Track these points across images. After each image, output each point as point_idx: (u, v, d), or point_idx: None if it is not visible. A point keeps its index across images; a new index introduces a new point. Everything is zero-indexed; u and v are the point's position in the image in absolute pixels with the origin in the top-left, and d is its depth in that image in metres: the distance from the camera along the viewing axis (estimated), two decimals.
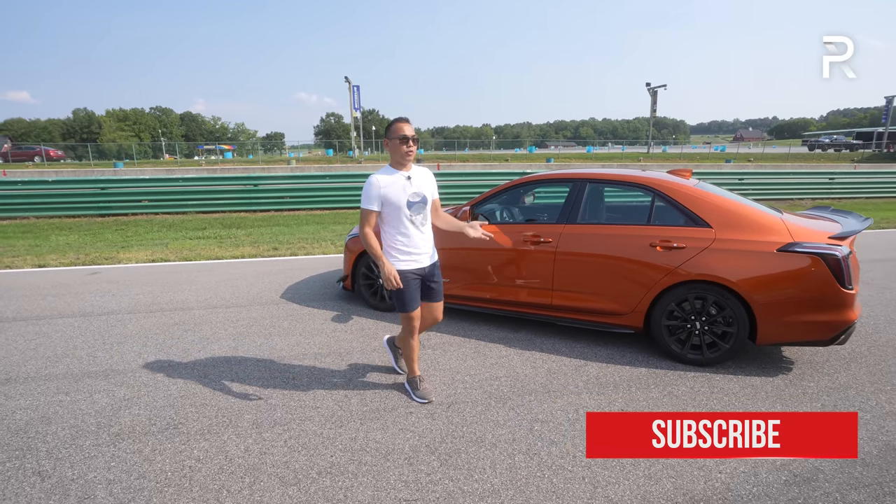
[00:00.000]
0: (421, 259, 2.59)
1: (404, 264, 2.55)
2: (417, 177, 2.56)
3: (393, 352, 3.12)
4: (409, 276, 2.56)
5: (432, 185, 2.64)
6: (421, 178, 2.57)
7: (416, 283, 2.61)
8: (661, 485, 2.05)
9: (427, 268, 2.63)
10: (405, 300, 2.57)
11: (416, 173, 2.57)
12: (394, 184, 2.48)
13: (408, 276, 2.55)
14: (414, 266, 2.57)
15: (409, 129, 2.48)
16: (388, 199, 2.47)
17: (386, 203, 2.49)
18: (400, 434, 2.42)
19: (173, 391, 2.89)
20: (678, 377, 3.06)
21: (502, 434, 2.42)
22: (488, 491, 2.01)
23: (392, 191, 2.47)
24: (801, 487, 2.05)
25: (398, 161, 2.52)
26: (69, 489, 2.03)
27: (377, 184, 2.46)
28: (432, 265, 2.68)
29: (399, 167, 2.53)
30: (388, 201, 2.48)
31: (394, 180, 2.49)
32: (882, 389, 2.92)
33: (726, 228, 3.14)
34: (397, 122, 2.50)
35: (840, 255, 2.90)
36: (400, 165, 2.53)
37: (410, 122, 2.52)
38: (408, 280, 2.55)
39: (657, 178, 3.45)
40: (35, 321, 4.11)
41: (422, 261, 2.60)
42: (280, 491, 2.01)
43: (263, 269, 5.96)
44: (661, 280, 3.19)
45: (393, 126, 2.49)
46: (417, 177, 2.56)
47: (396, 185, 2.48)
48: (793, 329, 3.03)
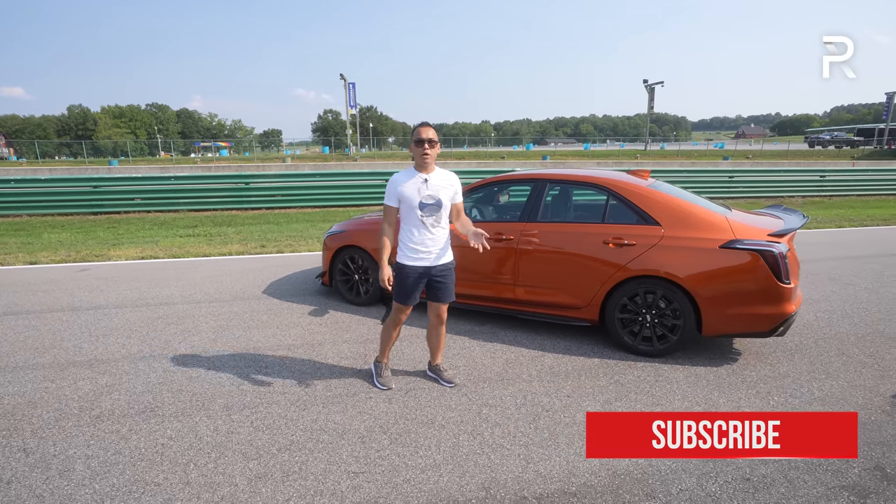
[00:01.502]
0: (428, 258, 2.71)
1: (410, 260, 2.70)
2: (436, 180, 2.67)
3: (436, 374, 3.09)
4: (411, 271, 2.70)
5: (452, 190, 2.73)
6: (439, 182, 2.68)
7: (419, 280, 2.74)
8: (588, 460, 2.26)
9: (434, 267, 2.73)
10: (403, 292, 2.74)
11: (436, 177, 2.68)
12: (409, 184, 2.64)
13: (410, 271, 2.70)
14: (419, 263, 2.70)
15: (426, 133, 2.61)
16: (404, 197, 2.64)
17: (402, 201, 2.66)
18: (357, 416, 2.62)
19: (152, 378, 3.08)
20: (628, 367, 3.27)
21: (452, 416, 2.63)
22: (430, 465, 2.21)
23: (407, 190, 2.63)
24: (719, 464, 2.25)
25: (418, 163, 2.67)
26: (51, 463, 2.23)
27: (396, 182, 2.65)
28: (442, 266, 2.76)
29: (420, 169, 2.68)
30: (403, 199, 2.65)
31: (411, 181, 2.65)
32: (817, 378, 3.13)
33: (674, 226, 3.34)
34: (418, 127, 2.65)
35: (777, 252, 3.10)
36: (420, 167, 2.68)
37: (430, 126, 2.65)
38: (409, 275, 2.71)
39: (611, 179, 3.65)
40: (25, 315, 4.30)
41: (428, 259, 2.71)
42: (242, 464, 2.22)
43: (249, 266, 6.15)
44: (613, 275, 3.39)
45: (414, 131, 2.66)
46: (436, 180, 2.67)
47: (412, 186, 2.64)
48: (735, 321, 3.23)
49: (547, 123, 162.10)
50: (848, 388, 2.98)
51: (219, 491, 2.05)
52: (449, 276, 2.81)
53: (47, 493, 2.05)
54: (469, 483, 2.10)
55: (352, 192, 12.81)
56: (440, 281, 2.77)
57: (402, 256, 2.73)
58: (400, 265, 2.73)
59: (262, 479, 2.13)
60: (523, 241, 3.66)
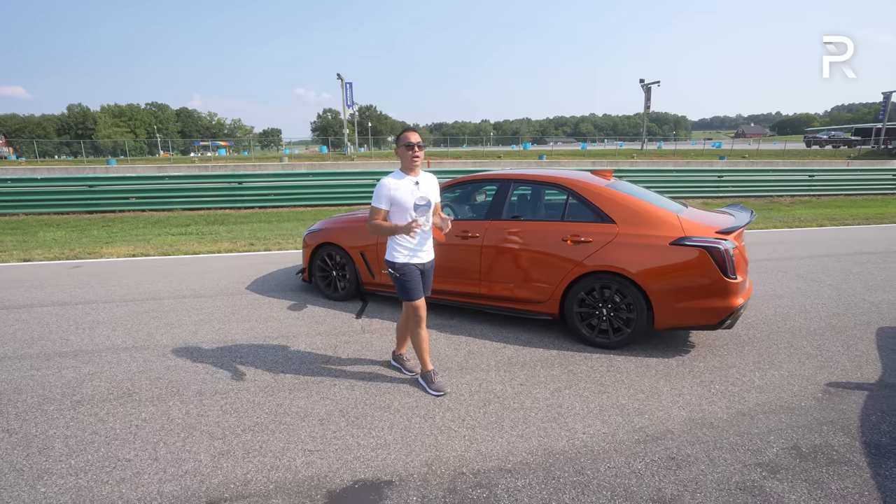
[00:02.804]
0: (422, 256, 2.85)
1: (407, 258, 2.81)
2: (424, 182, 2.81)
3: (399, 363, 3.24)
4: (413, 268, 2.82)
5: (436, 190, 2.89)
6: (427, 184, 2.83)
7: (419, 275, 2.86)
8: (528, 441, 2.44)
9: (426, 264, 2.89)
10: (410, 290, 2.81)
11: (424, 179, 2.82)
12: (403, 187, 2.73)
13: (412, 267, 2.81)
14: (415, 261, 2.83)
15: (414, 137, 2.74)
16: (397, 200, 2.72)
17: (395, 204, 2.73)
18: (320, 401, 2.81)
19: (132, 367, 3.27)
20: (583, 358, 3.45)
21: (408, 402, 2.81)
22: (380, 444, 2.40)
23: (401, 194, 2.72)
24: (648, 444, 2.44)
25: (407, 166, 2.77)
26: (32, 442, 2.42)
27: (388, 185, 2.72)
28: (430, 262, 2.93)
29: (408, 172, 2.78)
30: (396, 202, 2.73)
31: (403, 184, 2.74)
32: (760, 368, 3.31)
33: (628, 224, 3.52)
34: (405, 132, 2.76)
35: (723, 248, 3.28)
36: (409, 170, 2.78)
37: (416, 132, 2.79)
38: (412, 271, 2.81)
39: (571, 179, 3.83)
40: (16, 309, 4.49)
41: (422, 257, 2.85)
42: (208, 443, 2.40)
43: (235, 263, 6.33)
44: (571, 271, 3.57)
45: (401, 135, 2.76)
46: (424, 182, 2.81)
47: (405, 189, 2.73)
48: (684, 315, 3.41)
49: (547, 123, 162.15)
50: (787, 377, 3.16)
51: (184, 466, 2.24)
52: (431, 272, 2.98)
53: (27, 467, 2.24)
54: (414, 460, 2.29)
55: (344, 191, 12.99)
56: (427, 277, 2.94)
57: (399, 255, 2.80)
58: (400, 265, 2.80)
59: (225, 455, 2.32)
60: (488, 239, 3.85)
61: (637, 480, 2.16)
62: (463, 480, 2.15)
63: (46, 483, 2.13)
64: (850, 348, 3.62)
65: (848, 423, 2.62)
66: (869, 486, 2.12)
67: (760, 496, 2.07)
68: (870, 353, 3.54)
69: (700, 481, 2.16)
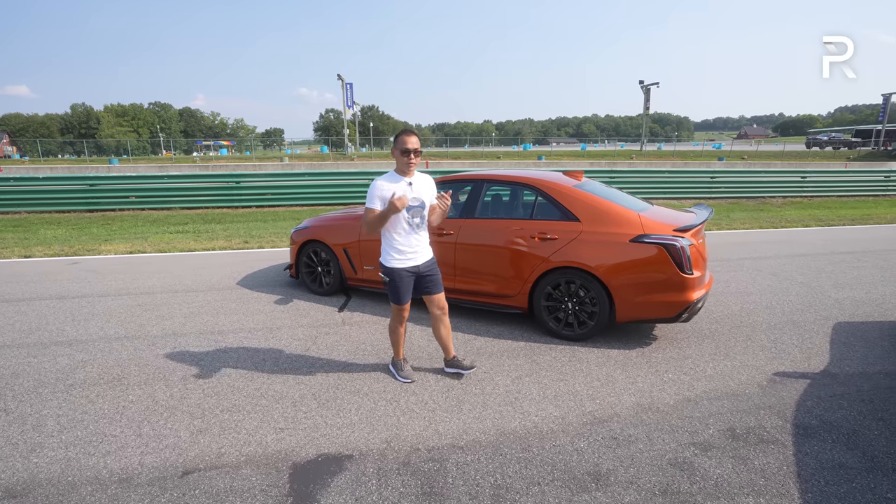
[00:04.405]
0: (415, 258, 2.86)
1: (399, 262, 2.83)
2: (418, 183, 2.83)
3: (455, 367, 3.18)
4: (403, 273, 2.84)
5: (431, 192, 2.91)
6: (421, 185, 2.84)
7: (410, 279, 2.88)
8: (483, 423, 2.64)
9: (421, 265, 2.89)
10: (398, 293, 2.88)
11: (418, 180, 2.84)
12: (397, 189, 2.73)
13: (402, 273, 2.84)
14: (408, 264, 2.85)
15: (411, 143, 2.72)
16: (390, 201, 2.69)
17: (387, 204, 2.70)
18: (295, 385, 3.02)
19: (123, 355, 3.49)
20: (548, 349, 3.65)
21: (377, 387, 3.02)
22: (346, 424, 2.61)
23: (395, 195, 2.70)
24: (594, 426, 2.63)
25: (402, 169, 2.79)
26: (27, 420, 2.64)
27: (380, 187, 2.74)
28: (427, 262, 2.93)
29: (402, 174, 2.80)
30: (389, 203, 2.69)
31: (396, 186, 2.75)
32: (715, 359, 3.50)
33: (592, 222, 3.71)
34: (402, 135, 2.75)
35: (679, 245, 3.47)
36: (403, 173, 2.80)
37: (415, 134, 2.77)
38: (401, 276, 2.85)
39: (540, 179, 4.03)
40: (15, 302, 4.72)
41: (416, 259, 2.87)
42: (188, 422, 2.62)
43: (229, 260, 6.55)
44: (538, 266, 3.77)
45: (398, 138, 2.75)
46: (418, 183, 2.83)
47: (399, 191, 2.72)
48: (643, 308, 3.60)
49: (549, 123, 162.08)
50: (739, 368, 3.35)
51: (164, 441, 2.45)
52: (436, 269, 2.99)
53: (21, 441, 2.45)
54: (375, 438, 2.49)
55: (340, 191, 13.21)
56: (429, 275, 2.94)
57: (391, 260, 2.84)
58: (390, 269, 2.85)
59: (203, 432, 2.53)
60: (462, 236, 4.05)
61: (578, 457, 2.36)
62: (417, 455, 2.36)
63: (39, 455, 2.34)
64: (804, 341, 3.81)
65: (784, 407, 2.81)
66: (789, 462, 2.31)
67: (688, 470, 2.26)
68: (822, 345, 3.73)
69: (636, 458, 2.35)
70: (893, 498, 2.08)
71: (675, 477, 2.21)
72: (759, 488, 2.14)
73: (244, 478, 2.18)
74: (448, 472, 2.23)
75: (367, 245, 4.51)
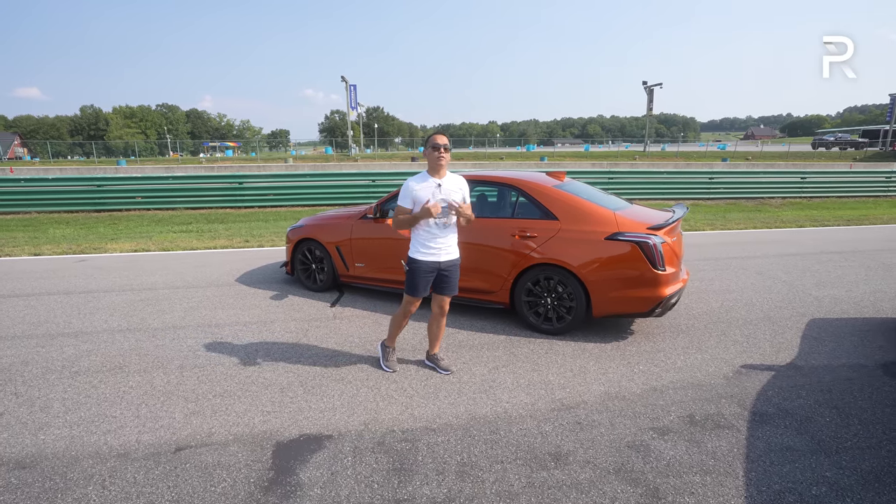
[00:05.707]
0: (439, 254, 2.99)
1: (422, 255, 2.98)
2: (448, 184, 2.94)
3: (433, 363, 3.34)
4: (424, 266, 2.98)
5: (461, 194, 3.00)
6: (451, 187, 2.95)
7: (430, 276, 3.01)
8: (456, 408, 2.82)
9: (443, 262, 3.02)
10: (414, 285, 3.01)
11: (448, 181, 2.96)
12: (425, 189, 2.88)
13: (423, 266, 2.98)
14: (431, 259, 2.98)
15: (441, 140, 2.89)
16: (419, 201, 2.87)
17: (417, 204, 2.89)
18: (284, 374, 3.21)
19: (125, 346, 3.71)
20: (527, 342, 3.82)
21: (360, 375, 3.21)
22: (328, 408, 2.80)
23: (422, 194, 2.87)
24: (561, 412, 2.80)
25: (432, 167, 2.93)
26: (35, 402, 2.86)
27: (411, 187, 2.90)
28: (449, 261, 3.04)
29: (433, 173, 2.93)
30: (418, 202, 2.88)
31: (425, 186, 2.90)
32: (686, 353, 3.65)
33: (569, 220, 3.88)
34: (433, 134, 2.92)
35: (652, 243, 3.63)
36: (434, 172, 2.93)
37: (444, 135, 2.93)
38: (422, 269, 2.98)
39: (522, 179, 4.20)
40: (25, 297, 4.97)
41: (440, 255, 2.99)
42: (182, 405, 2.82)
43: (229, 259, 6.78)
44: (519, 263, 3.94)
45: (430, 137, 2.93)
46: (448, 184, 2.94)
47: (426, 190, 2.88)
48: (618, 303, 3.76)
49: (554, 124, 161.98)
50: (708, 360, 3.50)
51: (160, 422, 2.65)
52: (455, 271, 3.09)
53: (30, 420, 2.67)
54: (354, 420, 2.68)
55: (342, 192, 13.43)
56: (447, 275, 3.06)
57: (416, 252, 2.99)
58: (413, 260, 2.99)
59: (196, 415, 2.73)
60: None
61: (542, 439, 2.53)
62: (392, 436, 2.54)
63: (45, 433, 2.55)
64: (776, 336, 3.95)
65: (745, 396, 2.96)
66: (740, 445, 2.47)
67: (643, 452, 2.42)
68: (792, 340, 3.87)
69: (596, 440, 2.52)
70: (831, 476, 2.24)
71: (631, 457, 2.38)
72: (707, 468, 2.30)
73: (231, 454, 2.37)
74: (419, 451, 2.41)
75: (359, 243, 4.70)
